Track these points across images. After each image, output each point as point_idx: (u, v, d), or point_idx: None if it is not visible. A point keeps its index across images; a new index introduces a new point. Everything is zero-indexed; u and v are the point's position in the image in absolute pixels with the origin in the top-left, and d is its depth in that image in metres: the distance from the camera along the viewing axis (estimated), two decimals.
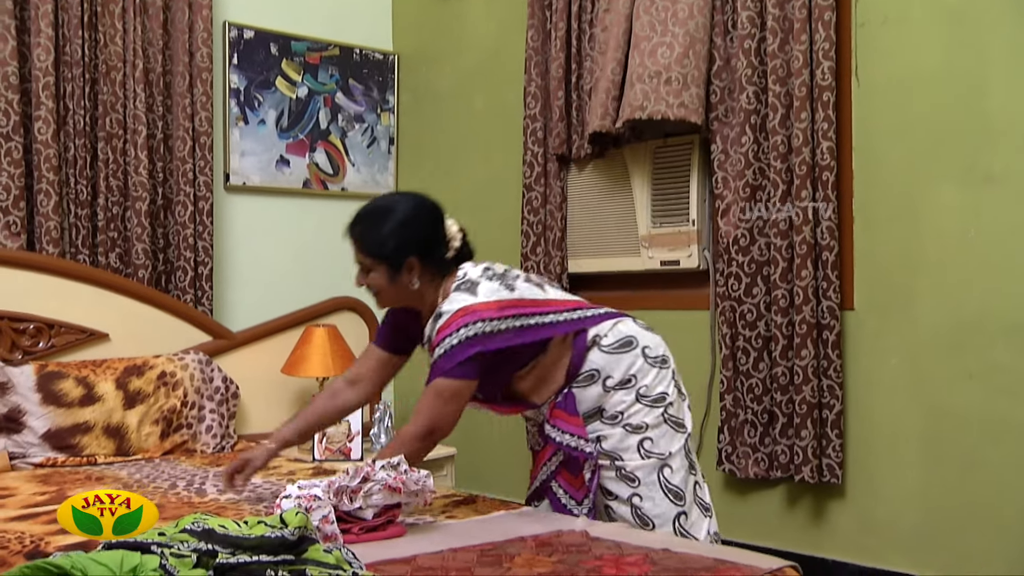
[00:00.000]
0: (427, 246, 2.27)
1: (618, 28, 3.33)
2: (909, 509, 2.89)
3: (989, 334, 2.74)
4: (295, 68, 4.06)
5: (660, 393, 2.29)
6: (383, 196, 2.39)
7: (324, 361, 3.47)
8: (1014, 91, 2.69)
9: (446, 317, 2.18)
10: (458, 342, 2.15)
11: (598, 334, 2.30)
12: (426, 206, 2.34)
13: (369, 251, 2.27)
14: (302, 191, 4.09)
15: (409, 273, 2.26)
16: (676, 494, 2.25)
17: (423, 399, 2.22)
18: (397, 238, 2.24)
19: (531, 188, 3.69)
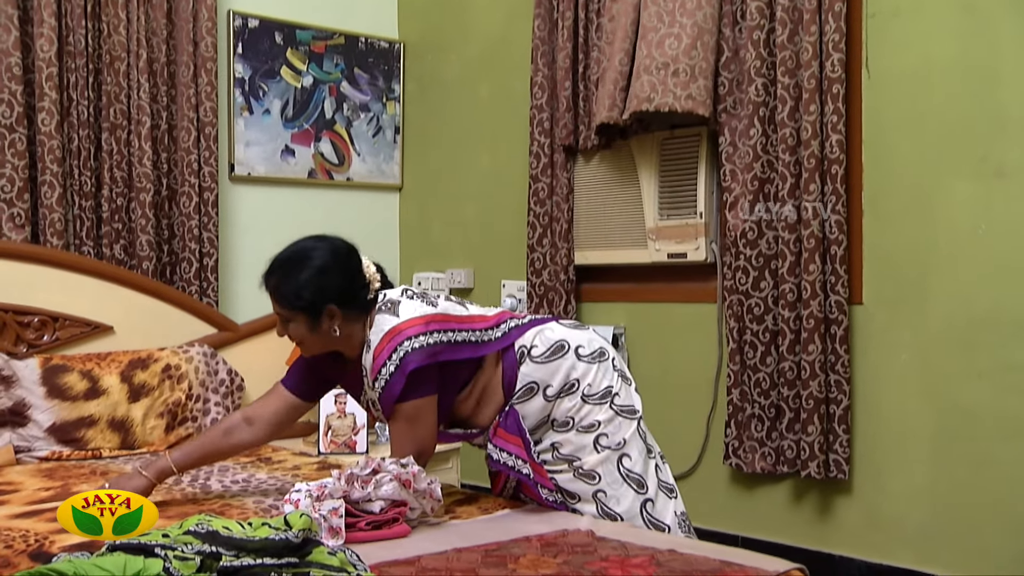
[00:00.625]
0: (345, 292, 2.22)
1: (626, 18, 3.30)
2: (917, 506, 2.88)
3: (1001, 331, 2.71)
4: (300, 57, 4.03)
5: (606, 388, 2.27)
6: (297, 243, 2.32)
7: None
8: None
9: (375, 344, 2.16)
10: (395, 368, 2.14)
11: (524, 345, 2.27)
12: (342, 251, 2.28)
13: (285, 303, 2.22)
14: (307, 181, 4.07)
15: (330, 320, 2.21)
16: (638, 483, 2.24)
17: (394, 431, 2.22)
18: (313, 287, 2.19)
19: (537, 179, 3.66)
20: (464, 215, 4.15)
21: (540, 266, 3.67)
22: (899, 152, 2.91)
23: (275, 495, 2.44)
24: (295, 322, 2.22)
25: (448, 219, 4.21)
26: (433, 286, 4.22)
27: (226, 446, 2.39)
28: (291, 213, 4.02)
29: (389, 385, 2.15)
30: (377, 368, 2.16)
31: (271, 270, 2.26)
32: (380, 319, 2.19)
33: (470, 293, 4.11)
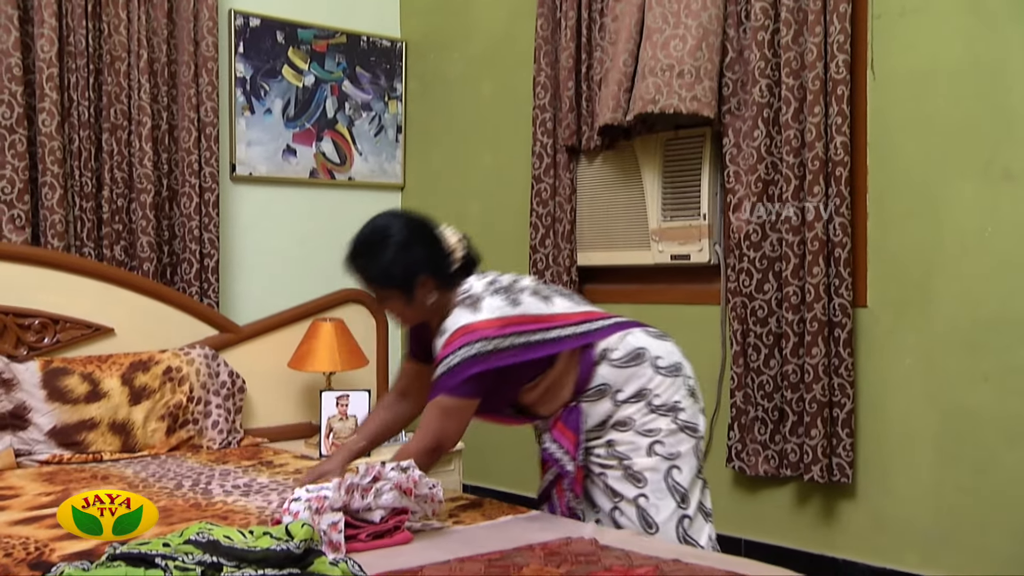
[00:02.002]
0: (432, 262, 2.23)
1: (630, 18, 3.28)
2: (921, 509, 2.87)
3: (1006, 334, 2.69)
4: (302, 56, 4.01)
5: (674, 402, 2.25)
6: (371, 222, 2.32)
7: (331, 356, 3.44)
8: None
9: (447, 335, 2.15)
10: (459, 362, 2.12)
11: (607, 348, 2.26)
12: (418, 222, 2.30)
13: (377, 283, 2.25)
14: (309, 181, 4.06)
15: (424, 290, 2.22)
16: (682, 496, 2.22)
17: (427, 415, 2.21)
18: (401, 263, 2.20)
19: (540, 179, 3.65)
20: (466, 215, 4.12)
21: (543, 267, 3.66)
22: (905, 154, 2.89)
23: (277, 500, 2.43)
24: (391, 299, 2.25)
25: (450, 219, 4.12)
26: None
27: (392, 421, 2.51)
28: (293, 213, 4.01)
29: (447, 374, 2.13)
30: (443, 356, 2.14)
31: (354, 253, 2.26)
32: (459, 312, 2.17)
33: None
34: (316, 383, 3.56)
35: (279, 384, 3.58)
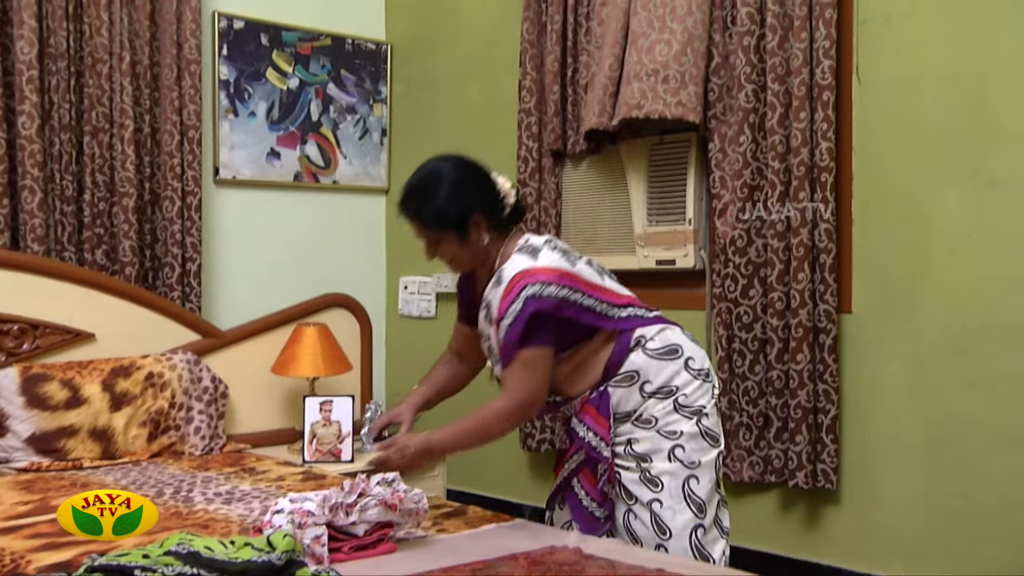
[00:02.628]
0: (485, 201, 2.24)
1: (615, 23, 3.27)
2: (906, 515, 2.87)
3: (992, 340, 2.70)
4: (286, 59, 3.99)
5: (699, 405, 2.23)
6: (423, 166, 2.34)
7: (315, 361, 3.41)
8: (1020, 94, 2.64)
9: (506, 283, 2.15)
10: (522, 306, 2.11)
11: (644, 336, 2.24)
12: (471, 164, 2.32)
13: (432, 223, 2.22)
14: (293, 184, 4.03)
15: (477, 230, 2.22)
16: (699, 506, 2.19)
17: (511, 375, 2.18)
18: (455, 202, 2.20)
19: (525, 184, 3.63)
20: None
21: None
22: (890, 160, 2.89)
23: (259, 507, 2.41)
24: (445, 241, 2.23)
25: None
26: (420, 290, 4.19)
27: (452, 378, 2.54)
28: (276, 216, 3.99)
29: (513, 325, 2.12)
30: (505, 306, 2.13)
31: (407, 197, 2.24)
32: (517, 257, 2.19)
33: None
34: (299, 388, 3.53)
35: (262, 389, 3.55)
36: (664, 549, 2.17)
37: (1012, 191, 2.66)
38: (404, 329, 4.27)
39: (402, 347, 4.28)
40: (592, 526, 2.26)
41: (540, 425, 3.61)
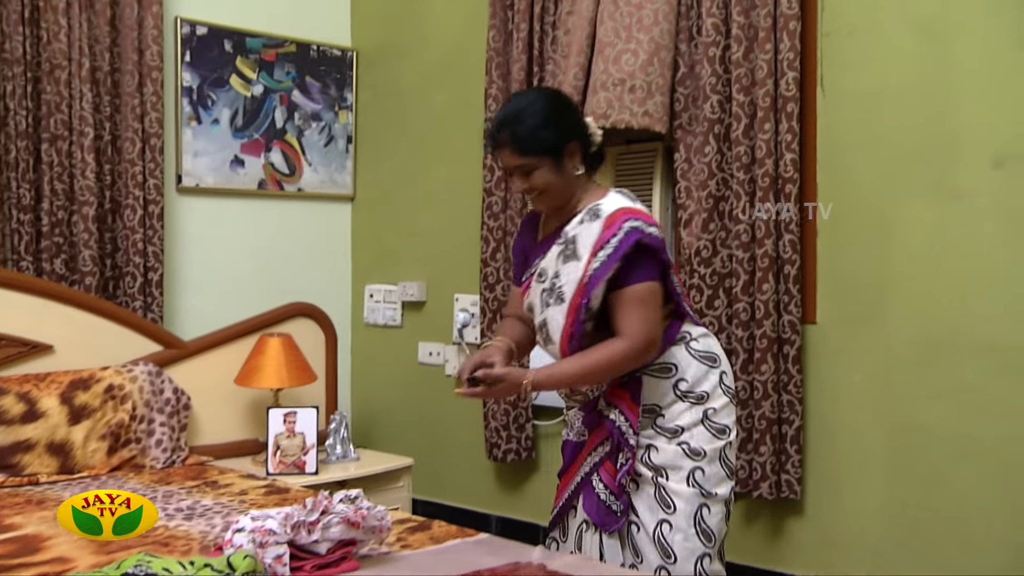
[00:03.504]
0: (580, 132, 2.23)
1: (581, 32, 3.26)
2: (870, 525, 2.88)
3: (956, 351, 2.72)
4: (250, 65, 3.94)
5: (724, 425, 2.21)
6: (516, 96, 2.35)
7: (279, 372, 3.38)
8: (982, 107, 2.67)
9: (606, 215, 2.14)
10: (623, 236, 2.09)
11: (690, 332, 2.24)
12: (565, 95, 2.35)
13: (529, 149, 2.16)
14: (257, 192, 3.99)
15: (572, 160, 2.20)
16: (707, 535, 2.16)
17: (625, 315, 2.11)
18: (553, 126, 2.17)
19: (491, 192, 3.62)
20: (417, 227, 4.09)
21: (494, 280, 3.63)
22: (854, 171, 2.91)
23: (221, 523, 2.37)
24: (540, 168, 2.17)
25: (401, 231, 4.14)
26: (385, 299, 4.16)
27: (527, 337, 2.38)
28: (240, 224, 3.94)
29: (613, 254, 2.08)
30: (606, 238, 2.10)
31: (502, 124, 2.19)
32: (615, 196, 2.21)
33: (423, 306, 4.05)
34: (263, 400, 3.49)
35: (225, 401, 3.51)
36: (666, 572, 2.13)
37: (975, 204, 2.68)
38: (370, 338, 4.24)
39: (368, 356, 4.25)
40: (607, 520, 2.19)
41: (506, 435, 3.60)
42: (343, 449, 3.52)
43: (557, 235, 2.23)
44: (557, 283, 2.18)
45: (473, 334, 3.80)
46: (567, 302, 2.15)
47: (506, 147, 2.18)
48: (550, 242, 2.26)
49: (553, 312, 2.19)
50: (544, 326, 2.23)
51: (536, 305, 2.26)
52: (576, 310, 2.14)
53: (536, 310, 2.26)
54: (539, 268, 2.25)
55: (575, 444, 2.32)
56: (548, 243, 2.27)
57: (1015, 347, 2.62)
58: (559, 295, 2.17)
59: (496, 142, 2.20)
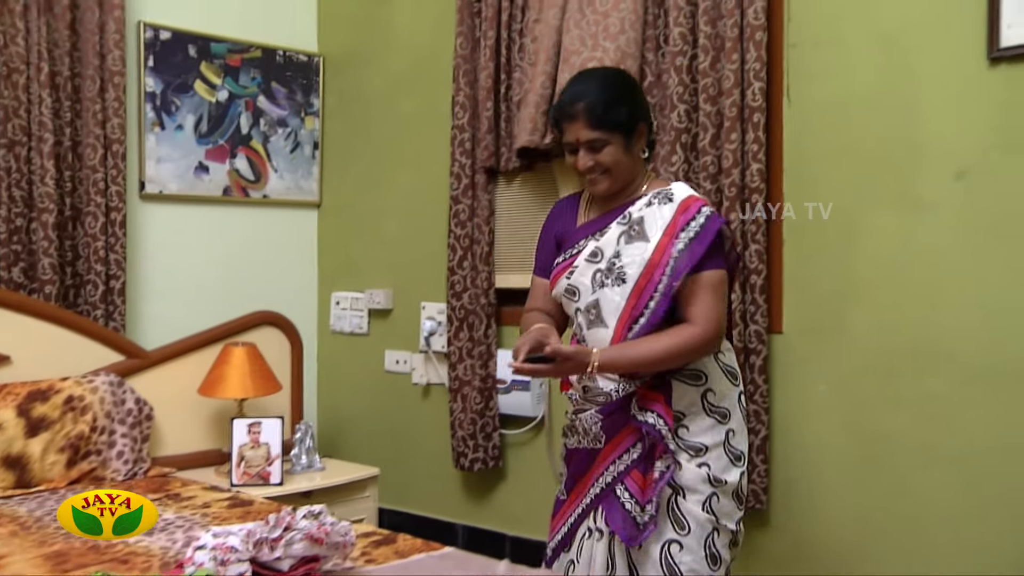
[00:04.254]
0: (648, 115, 2.23)
1: (548, 40, 3.26)
2: (835, 535, 2.89)
3: (919, 361, 2.73)
4: (215, 71, 3.90)
5: (741, 451, 2.20)
6: (588, 72, 2.31)
7: (243, 382, 3.34)
8: (945, 119, 2.68)
9: (680, 200, 2.14)
10: (705, 221, 2.11)
11: (722, 345, 2.23)
12: (632, 76, 2.36)
13: (604, 123, 2.13)
14: (222, 199, 3.94)
15: (640, 140, 2.20)
16: (715, 559, 2.14)
17: (698, 301, 2.11)
18: (629, 105, 2.16)
19: (458, 200, 3.60)
20: (384, 234, 4.06)
21: (460, 289, 3.61)
22: (820, 182, 2.92)
23: (183, 538, 2.33)
24: (611, 145, 2.15)
25: (368, 238, 4.12)
26: (352, 306, 4.13)
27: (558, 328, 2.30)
28: (205, 231, 3.89)
29: (698, 239, 2.09)
30: (685, 220, 2.11)
31: (576, 96, 2.15)
32: (682, 184, 2.21)
33: (390, 314, 4.03)
34: (227, 410, 3.45)
35: (189, 411, 3.46)
36: None
37: (938, 214, 2.70)
38: (336, 346, 4.20)
39: (334, 364, 4.21)
40: (633, 533, 2.11)
41: (473, 444, 3.58)
42: (308, 459, 3.49)
43: (612, 216, 2.21)
44: (617, 263, 2.15)
45: (440, 342, 3.77)
46: (629, 283, 2.12)
47: (579, 119, 2.14)
48: (602, 223, 2.22)
49: (609, 293, 2.15)
50: (595, 307, 2.17)
51: (584, 285, 2.19)
52: (641, 293, 2.10)
53: (583, 291, 2.19)
54: (590, 248, 2.19)
55: (588, 452, 2.24)
56: (597, 224, 2.23)
57: (977, 357, 2.64)
58: (620, 276, 2.14)
59: (567, 114, 2.16)
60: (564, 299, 2.24)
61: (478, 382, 3.57)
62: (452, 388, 3.63)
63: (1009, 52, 2.57)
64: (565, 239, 2.28)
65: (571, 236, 2.27)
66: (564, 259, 2.25)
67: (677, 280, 2.09)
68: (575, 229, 2.28)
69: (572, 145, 2.20)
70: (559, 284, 2.24)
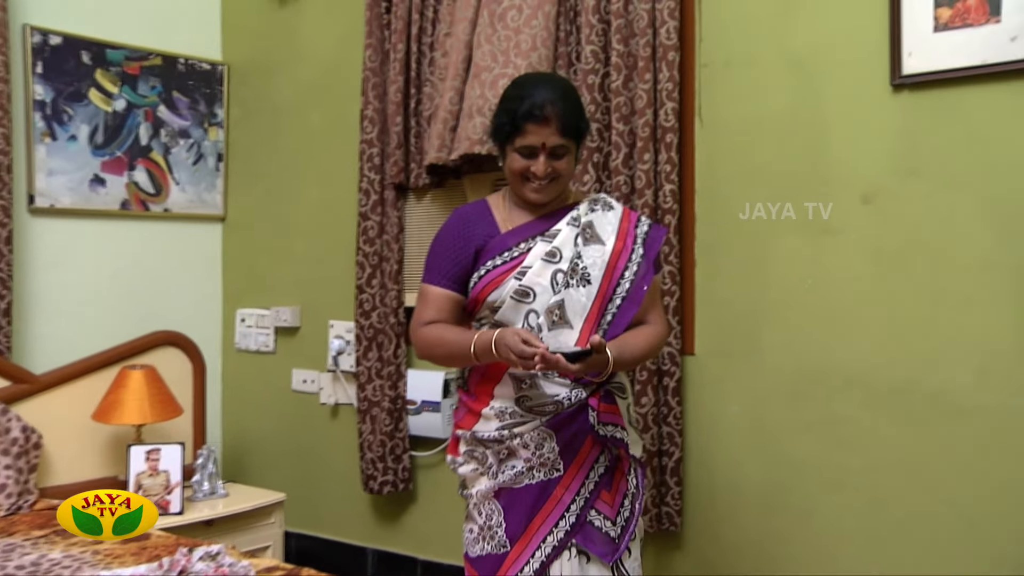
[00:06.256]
0: None
1: (457, 55, 3.18)
2: (745, 558, 2.88)
3: (827, 384, 2.74)
4: (111, 79, 3.72)
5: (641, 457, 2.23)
6: (546, 77, 2.26)
7: (141, 407, 3.19)
8: (852, 143, 2.69)
9: (620, 207, 2.21)
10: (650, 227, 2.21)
11: None
12: None
13: (572, 131, 2.10)
14: (120, 213, 3.76)
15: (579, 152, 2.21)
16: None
17: (656, 305, 2.23)
18: (585, 116, 2.17)
19: (367, 217, 3.50)
20: (291, 250, 3.94)
21: (369, 307, 3.51)
22: (732, 203, 2.91)
23: None
24: (570, 153, 2.13)
25: (274, 253, 3.99)
26: (257, 323, 3.99)
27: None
28: (101, 247, 3.71)
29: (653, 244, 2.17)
30: (633, 225, 2.18)
31: (553, 98, 2.07)
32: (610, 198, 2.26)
33: (297, 332, 3.90)
34: (124, 436, 3.29)
35: (82, 438, 3.30)
36: None
37: (845, 238, 2.71)
38: (241, 364, 4.06)
39: (239, 384, 4.07)
40: (611, 549, 2.08)
41: (383, 467, 3.48)
42: (211, 485, 3.35)
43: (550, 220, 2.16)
44: (580, 263, 2.12)
45: (349, 361, 3.67)
46: (595, 285, 2.11)
47: (550, 124, 2.06)
48: (540, 227, 2.16)
49: (575, 294, 2.10)
50: (559, 308, 2.09)
51: (541, 286, 2.09)
52: (605, 295, 2.11)
53: (540, 292, 2.09)
54: (545, 248, 2.11)
55: (541, 485, 2.09)
56: (535, 228, 2.16)
57: (881, 381, 2.66)
58: (584, 277, 2.11)
59: (537, 117, 2.05)
60: (511, 302, 2.09)
61: (388, 403, 3.48)
62: (361, 409, 3.53)
63: (910, 80, 2.59)
64: (488, 246, 2.15)
65: (499, 242, 2.15)
66: (503, 263, 2.13)
67: (647, 284, 2.14)
68: (502, 235, 2.16)
69: (531, 149, 2.09)
70: (503, 287, 2.09)
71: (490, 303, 2.12)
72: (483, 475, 2.15)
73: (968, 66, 2.52)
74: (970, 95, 2.53)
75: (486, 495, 2.13)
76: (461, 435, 2.19)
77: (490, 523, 2.13)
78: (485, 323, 2.16)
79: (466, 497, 2.21)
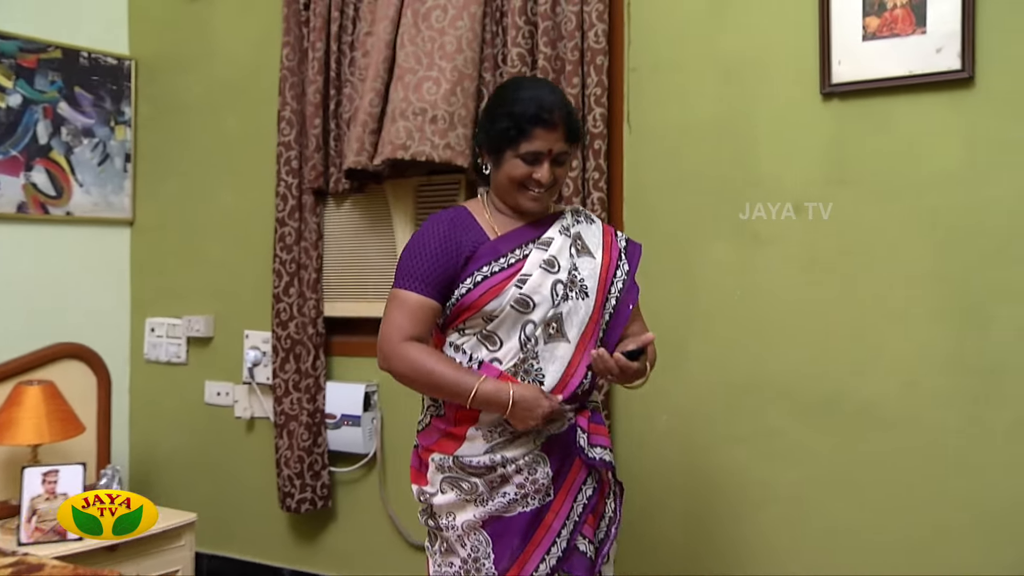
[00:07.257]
0: None
1: (379, 55, 3.06)
2: (674, 570, 2.82)
3: (758, 396, 2.69)
4: (4, 72, 3.49)
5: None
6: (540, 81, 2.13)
7: (37, 426, 2.98)
8: (782, 151, 2.65)
9: (598, 221, 2.16)
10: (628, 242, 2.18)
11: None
12: None
13: (576, 137, 2.05)
14: (16, 216, 3.53)
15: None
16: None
17: (640, 319, 2.22)
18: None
19: (284, 223, 3.34)
20: (205, 256, 3.75)
21: (287, 317, 3.36)
22: (660, 211, 2.84)
23: None
24: (567, 160, 2.06)
25: (187, 260, 3.80)
26: (168, 333, 3.80)
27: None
28: None
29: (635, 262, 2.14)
30: (612, 239, 2.14)
31: (560, 104, 1.99)
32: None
33: (210, 343, 3.72)
34: (19, 457, 3.08)
35: None
36: None
37: (775, 248, 2.66)
38: (151, 376, 3.86)
39: (149, 397, 3.87)
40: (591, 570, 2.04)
41: (300, 483, 3.34)
42: None
43: (539, 228, 2.06)
44: (577, 275, 2.04)
45: (265, 373, 3.51)
46: (592, 297, 2.05)
47: (559, 129, 1.98)
48: (530, 234, 2.04)
49: (575, 306, 2.02)
50: (558, 320, 1.98)
51: (543, 296, 1.97)
52: (601, 308, 2.06)
53: (542, 302, 1.97)
54: (543, 257, 1.99)
55: (533, 513, 1.97)
56: (525, 235, 2.04)
57: (811, 392, 2.62)
58: (583, 289, 2.04)
59: (547, 121, 1.95)
60: (510, 310, 1.96)
61: (306, 417, 3.34)
62: (278, 423, 3.38)
63: (840, 88, 2.56)
64: (478, 252, 2.01)
65: (490, 248, 2.01)
66: (500, 269, 1.99)
67: (633, 303, 2.13)
68: (492, 241, 2.03)
69: (536, 155, 1.98)
70: (503, 295, 1.96)
71: (488, 312, 1.97)
72: (469, 502, 1.99)
73: (896, 76, 2.50)
74: (898, 105, 2.51)
75: (473, 525, 1.98)
76: (437, 461, 2.03)
77: (476, 555, 1.97)
78: (472, 334, 1.99)
79: (439, 528, 2.02)
